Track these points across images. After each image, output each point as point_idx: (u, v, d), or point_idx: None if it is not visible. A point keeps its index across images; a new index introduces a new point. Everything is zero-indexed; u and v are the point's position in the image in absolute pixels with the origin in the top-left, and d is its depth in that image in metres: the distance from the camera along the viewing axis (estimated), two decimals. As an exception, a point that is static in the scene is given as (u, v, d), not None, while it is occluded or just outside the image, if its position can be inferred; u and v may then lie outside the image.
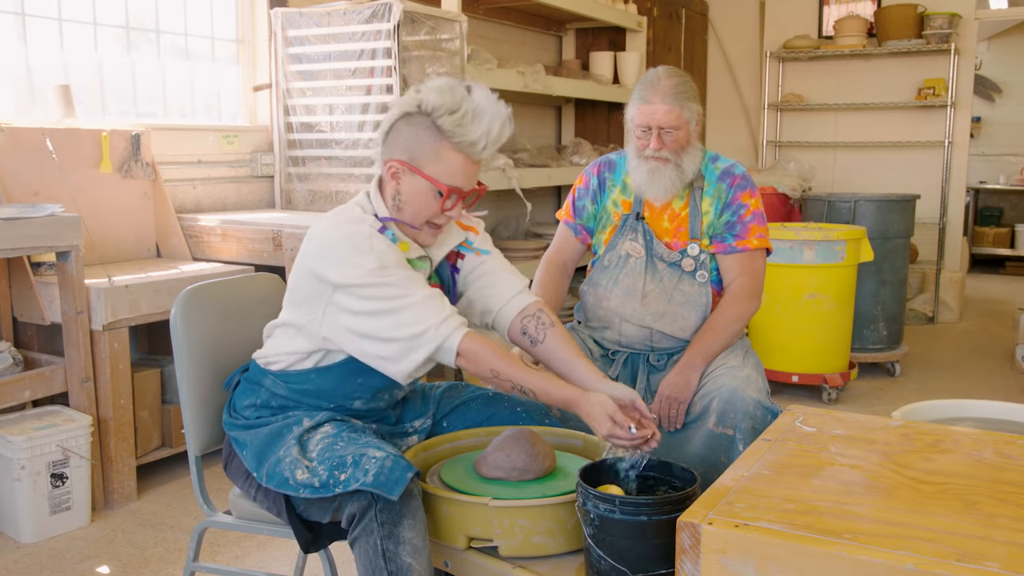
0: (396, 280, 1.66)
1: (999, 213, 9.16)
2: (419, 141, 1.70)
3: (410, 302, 1.65)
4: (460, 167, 1.71)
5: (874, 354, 4.67)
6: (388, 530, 1.59)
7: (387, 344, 1.67)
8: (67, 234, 2.78)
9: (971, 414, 2.31)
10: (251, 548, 2.68)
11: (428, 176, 1.70)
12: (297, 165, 3.94)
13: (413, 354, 1.67)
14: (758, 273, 2.31)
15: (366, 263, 1.65)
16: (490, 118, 1.70)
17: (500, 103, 1.72)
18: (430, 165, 1.70)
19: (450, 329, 1.67)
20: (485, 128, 1.69)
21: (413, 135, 1.70)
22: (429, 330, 1.65)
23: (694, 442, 2.14)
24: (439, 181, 1.71)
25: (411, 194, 1.73)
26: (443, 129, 1.68)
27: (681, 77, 2.22)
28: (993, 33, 8.69)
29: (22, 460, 2.66)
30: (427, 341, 1.66)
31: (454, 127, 1.68)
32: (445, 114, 1.68)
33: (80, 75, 3.46)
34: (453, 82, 1.72)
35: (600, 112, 6.11)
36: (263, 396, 1.83)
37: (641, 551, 1.49)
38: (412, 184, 1.72)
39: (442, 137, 1.69)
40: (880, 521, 1.25)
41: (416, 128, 1.70)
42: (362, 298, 1.66)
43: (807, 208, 5.03)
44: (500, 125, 1.71)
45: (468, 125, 1.68)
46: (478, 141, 1.69)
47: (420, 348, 1.66)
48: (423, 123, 1.69)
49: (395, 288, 1.65)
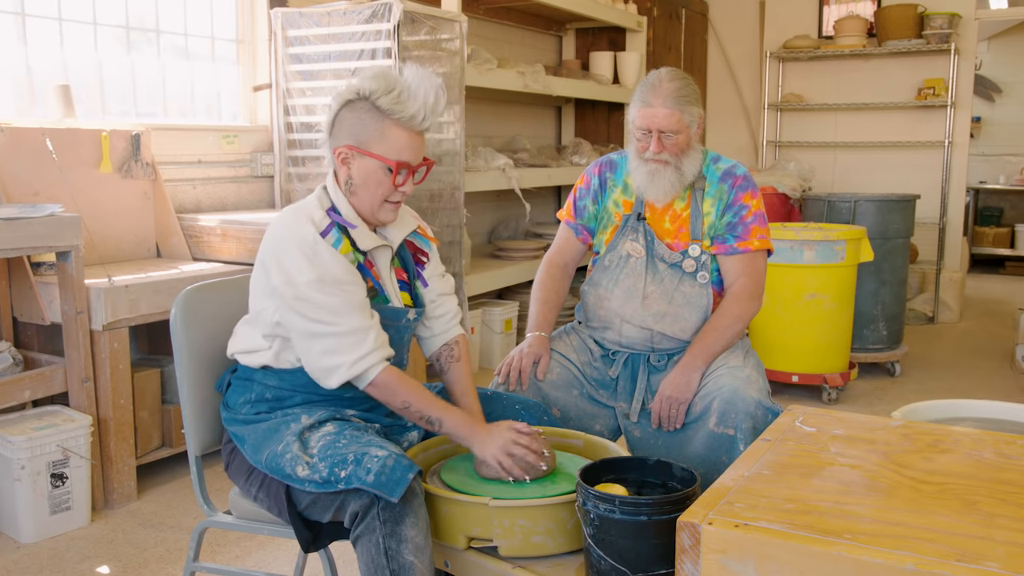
0: (327, 303, 1.73)
1: (999, 213, 9.16)
2: (362, 124, 1.78)
3: (334, 331, 1.73)
4: (405, 142, 1.80)
5: (874, 354, 4.67)
6: (390, 528, 1.60)
7: (307, 363, 1.78)
8: (67, 234, 2.78)
9: (971, 414, 2.31)
10: (251, 548, 2.68)
11: (376, 155, 1.79)
12: (297, 165, 3.94)
13: (327, 379, 1.77)
14: (759, 274, 2.31)
15: (305, 274, 1.72)
16: (425, 91, 1.79)
17: (432, 76, 1.82)
18: (376, 144, 1.79)
19: (364, 367, 1.75)
20: (422, 101, 1.78)
21: (356, 120, 1.79)
22: (343, 367, 1.74)
23: (695, 442, 2.14)
24: (387, 158, 1.79)
25: (363, 175, 1.80)
26: (383, 109, 1.77)
27: (683, 80, 2.21)
28: (993, 33, 8.69)
29: (22, 460, 2.66)
30: (340, 375, 1.75)
31: (392, 105, 1.76)
32: (383, 95, 1.77)
33: (80, 75, 3.46)
34: (384, 67, 1.85)
35: (600, 112, 6.11)
36: (257, 391, 1.84)
37: (641, 551, 1.49)
38: (362, 166, 1.80)
39: (383, 116, 1.77)
40: (880, 521, 1.25)
41: (358, 113, 1.79)
42: (294, 310, 1.74)
43: (807, 208, 5.03)
44: (435, 96, 1.80)
45: (406, 101, 1.77)
46: (417, 114, 1.78)
47: (333, 377, 1.76)
48: (364, 107, 1.78)
49: (323, 311, 1.73)
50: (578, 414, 2.27)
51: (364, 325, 1.76)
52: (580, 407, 2.27)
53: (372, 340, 1.76)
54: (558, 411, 2.25)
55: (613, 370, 2.31)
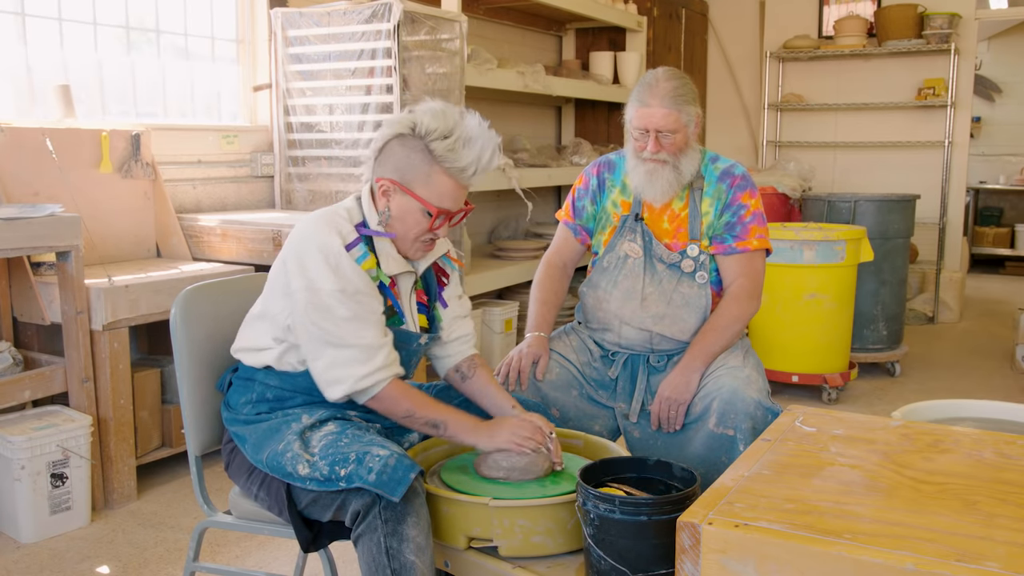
0: (345, 315, 1.71)
1: (999, 213, 9.16)
2: (411, 163, 1.76)
3: (347, 343, 1.72)
4: (449, 190, 1.77)
5: (874, 354, 4.67)
6: (392, 527, 1.60)
7: (314, 371, 1.77)
8: (67, 234, 2.78)
9: (971, 414, 2.31)
10: (251, 548, 2.68)
11: (418, 197, 1.76)
12: (297, 165, 3.94)
13: (330, 390, 1.76)
14: (758, 274, 2.30)
15: (328, 282, 1.71)
16: (481, 145, 1.75)
17: (491, 131, 1.78)
18: (420, 187, 1.76)
19: (369, 383, 1.74)
20: (476, 154, 1.75)
21: (405, 157, 1.76)
22: (348, 380, 1.73)
23: (695, 443, 2.14)
24: (429, 203, 1.76)
25: (401, 212, 1.78)
26: (435, 153, 1.73)
27: (680, 80, 2.21)
28: (993, 33, 8.69)
29: (22, 460, 2.66)
30: (344, 388, 1.74)
31: (446, 152, 1.73)
32: (438, 139, 1.73)
33: (80, 75, 3.46)
34: (447, 106, 1.78)
35: (600, 112, 6.11)
36: (258, 391, 1.84)
37: (641, 551, 1.49)
38: (402, 203, 1.78)
39: (433, 161, 1.74)
40: (880, 521, 1.25)
41: (409, 150, 1.76)
42: (310, 317, 1.72)
43: (807, 208, 5.03)
44: (491, 152, 1.77)
45: (459, 151, 1.74)
46: (468, 167, 1.75)
47: (336, 389, 1.75)
48: (416, 146, 1.75)
49: (340, 322, 1.71)
50: (577, 415, 2.27)
51: (377, 343, 1.75)
52: (579, 407, 2.27)
53: (383, 357, 1.75)
54: (557, 411, 2.25)
55: (612, 371, 2.31)
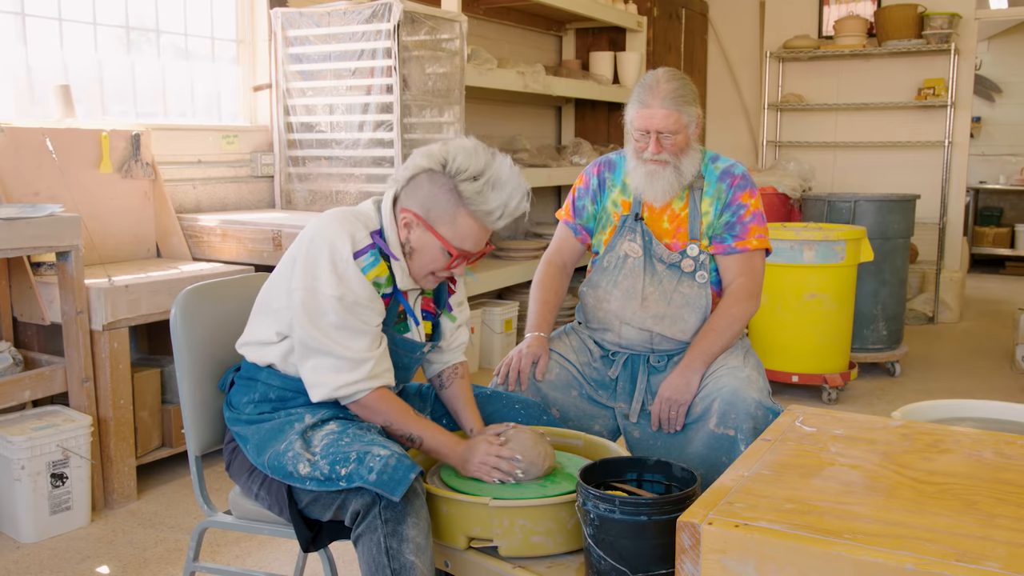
0: (338, 323, 1.71)
1: (999, 213, 9.16)
2: (437, 201, 1.74)
3: (334, 351, 1.72)
4: (473, 233, 1.76)
5: (874, 354, 4.67)
6: (392, 528, 1.60)
7: (299, 369, 1.78)
8: (67, 234, 2.78)
9: (971, 414, 2.31)
10: (251, 548, 2.68)
11: (441, 237, 1.76)
12: (297, 165, 3.94)
13: (311, 391, 1.77)
14: (757, 273, 2.30)
15: (329, 287, 1.70)
16: (510, 191, 1.74)
17: (521, 177, 1.77)
18: (444, 227, 1.75)
19: (347, 392, 1.75)
20: (504, 200, 1.73)
21: (432, 194, 1.75)
22: (327, 386, 1.74)
23: (695, 443, 2.14)
24: (450, 244, 1.76)
25: (421, 247, 1.78)
26: (463, 195, 1.72)
27: (681, 80, 2.21)
28: (993, 33, 8.69)
29: (22, 460, 2.66)
30: (323, 392, 1.75)
31: (474, 195, 1.72)
32: (468, 180, 1.72)
33: (80, 75, 3.46)
34: (480, 145, 1.76)
35: (600, 112, 6.11)
36: (260, 390, 1.84)
37: (641, 551, 1.49)
38: (424, 239, 1.77)
39: (460, 203, 1.73)
40: (880, 521, 1.25)
41: (437, 188, 1.74)
42: (305, 316, 1.72)
43: (807, 208, 5.03)
44: (519, 200, 1.75)
45: (488, 194, 1.72)
46: (494, 211, 1.74)
47: (315, 392, 1.76)
48: (445, 184, 1.73)
49: (331, 329, 1.71)
50: (577, 414, 2.26)
51: (363, 356, 1.74)
52: (579, 407, 2.27)
53: (368, 368, 1.74)
54: (557, 411, 2.24)
55: (613, 371, 2.31)
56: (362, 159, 3.73)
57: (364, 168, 3.72)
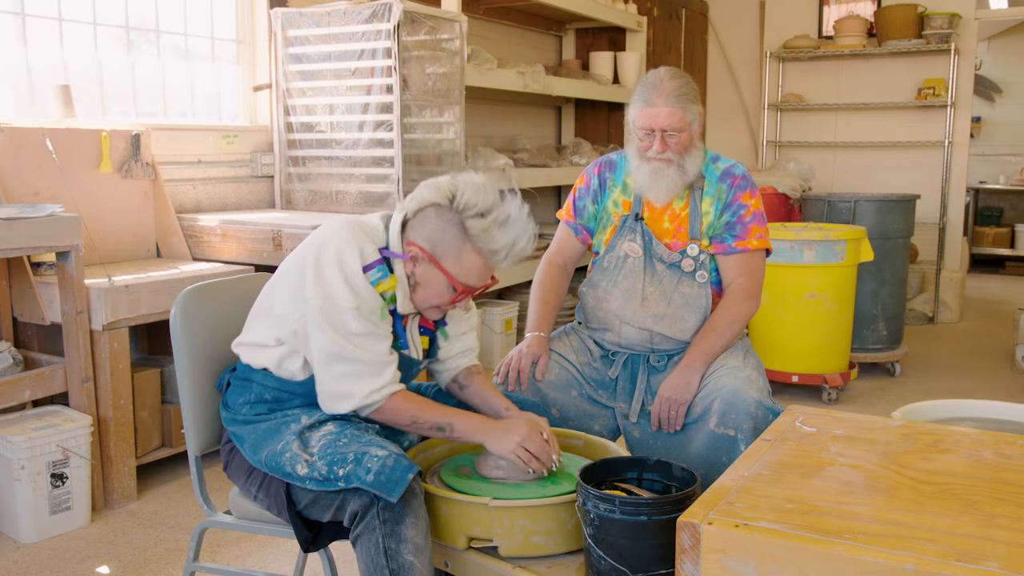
0: (358, 330, 1.71)
1: (999, 213, 9.16)
2: (443, 236, 1.74)
3: (360, 357, 1.71)
4: (478, 269, 1.76)
5: (874, 354, 4.67)
6: (390, 528, 1.60)
7: (321, 383, 1.75)
8: (67, 234, 2.78)
9: (971, 414, 2.31)
10: (251, 548, 2.68)
11: (446, 272, 1.75)
12: (297, 165, 3.94)
13: (337, 404, 1.75)
14: (757, 274, 2.30)
15: (345, 300, 1.70)
16: (518, 231, 1.74)
17: (530, 219, 1.76)
18: (449, 262, 1.75)
19: (375, 399, 1.74)
20: (511, 239, 1.73)
21: (439, 229, 1.74)
22: (357, 396, 1.73)
23: (695, 443, 2.14)
24: (456, 279, 1.76)
25: (426, 281, 1.78)
26: (469, 232, 1.72)
27: (683, 79, 2.21)
28: (993, 33, 8.69)
29: (22, 460, 2.66)
30: (349, 404, 1.74)
31: (480, 232, 1.72)
32: (475, 216, 1.71)
33: (80, 75, 3.46)
34: (489, 182, 1.76)
35: (600, 112, 6.11)
36: (256, 391, 1.84)
37: (641, 551, 1.49)
38: (429, 273, 1.77)
39: (467, 239, 1.73)
40: (880, 521, 1.25)
41: (444, 223, 1.74)
42: (324, 329, 1.71)
43: (807, 208, 5.03)
44: (526, 240, 1.75)
45: (494, 232, 1.72)
46: (500, 250, 1.74)
47: (342, 404, 1.75)
48: (452, 220, 1.73)
49: (355, 336, 1.71)
50: (577, 414, 2.27)
51: (387, 358, 1.75)
52: (579, 407, 2.27)
53: (391, 373, 1.75)
54: (557, 411, 2.25)
55: (613, 371, 2.31)
56: (362, 159, 3.73)
57: (364, 168, 3.72)
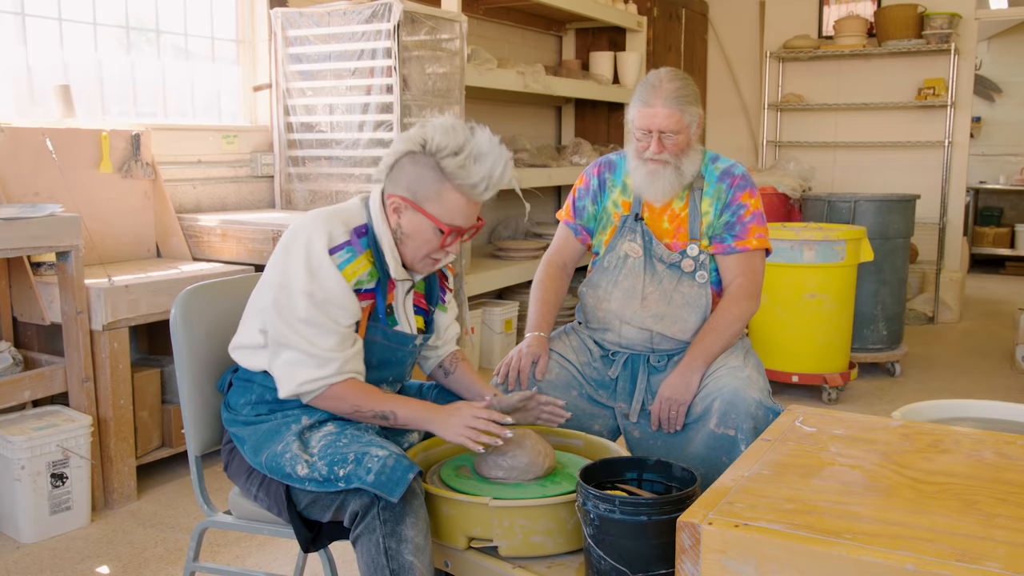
0: (302, 317, 1.71)
1: (999, 213, 9.16)
2: (422, 181, 1.75)
3: (302, 347, 1.72)
4: (461, 207, 1.77)
5: (874, 354, 4.67)
6: (390, 528, 1.60)
7: (270, 366, 1.78)
8: (67, 234, 2.78)
9: (971, 414, 2.31)
10: (251, 548, 2.68)
11: (430, 215, 1.76)
12: (297, 165, 3.94)
13: (279, 387, 1.77)
14: (757, 273, 2.30)
15: (301, 283, 1.71)
16: (492, 161, 1.75)
17: (502, 147, 1.78)
18: (432, 205, 1.76)
19: (312, 388, 1.74)
20: (487, 171, 1.75)
21: (416, 175, 1.76)
22: (291, 382, 1.74)
23: (695, 443, 2.14)
24: (440, 220, 1.77)
25: (413, 230, 1.79)
26: (446, 171, 1.73)
27: (683, 80, 2.21)
28: (993, 33, 8.69)
29: (22, 460, 2.66)
30: (287, 389, 1.75)
31: (456, 169, 1.73)
32: (448, 155, 1.73)
33: (80, 75, 3.46)
34: (457, 122, 1.78)
35: (600, 112, 6.11)
36: (257, 392, 1.84)
37: (641, 551, 1.49)
38: (414, 221, 1.78)
39: (444, 179, 1.74)
40: (880, 521, 1.25)
41: (420, 168, 1.75)
42: (277, 313, 1.73)
43: (807, 208, 5.03)
44: (502, 168, 1.77)
45: (470, 167, 1.73)
46: (479, 183, 1.75)
47: (281, 388, 1.76)
48: (427, 163, 1.75)
49: (301, 324, 1.71)
50: (577, 414, 2.26)
51: (329, 355, 1.73)
52: (579, 407, 2.27)
53: (337, 366, 1.74)
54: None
55: (613, 370, 2.31)
56: (362, 159, 3.73)
57: (364, 168, 3.72)
